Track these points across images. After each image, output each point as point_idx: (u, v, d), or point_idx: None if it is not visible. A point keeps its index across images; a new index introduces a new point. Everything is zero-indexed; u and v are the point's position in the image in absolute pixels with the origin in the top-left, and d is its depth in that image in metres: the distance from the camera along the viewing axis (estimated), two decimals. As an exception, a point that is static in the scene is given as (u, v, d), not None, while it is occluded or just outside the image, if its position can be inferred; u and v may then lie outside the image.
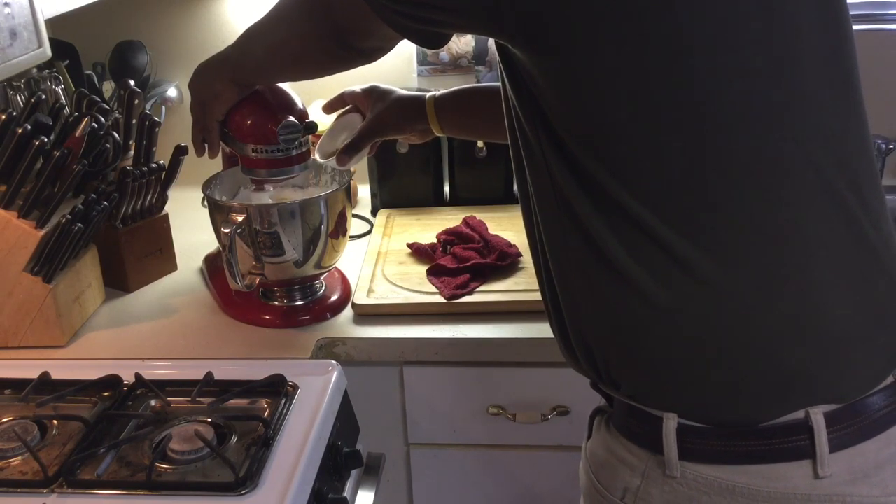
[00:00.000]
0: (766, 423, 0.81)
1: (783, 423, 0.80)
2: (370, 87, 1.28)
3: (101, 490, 0.98)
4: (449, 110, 1.23)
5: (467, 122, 1.26)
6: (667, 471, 0.83)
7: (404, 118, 1.25)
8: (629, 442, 0.88)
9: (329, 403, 1.12)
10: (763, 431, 0.81)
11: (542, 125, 0.82)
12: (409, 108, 1.24)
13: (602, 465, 0.91)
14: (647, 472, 0.85)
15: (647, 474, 0.85)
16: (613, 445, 0.90)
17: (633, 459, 0.87)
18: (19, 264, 1.22)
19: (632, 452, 0.87)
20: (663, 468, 0.83)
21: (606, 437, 0.91)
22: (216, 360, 1.21)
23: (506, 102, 0.90)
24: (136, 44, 1.74)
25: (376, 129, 1.25)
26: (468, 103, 1.23)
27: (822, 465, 0.79)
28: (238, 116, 1.18)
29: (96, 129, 1.28)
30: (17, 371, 1.19)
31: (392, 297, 1.33)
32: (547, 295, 0.93)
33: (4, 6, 1.06)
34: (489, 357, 1.25)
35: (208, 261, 1.49)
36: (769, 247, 0.78)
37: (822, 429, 0.79)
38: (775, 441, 0.80)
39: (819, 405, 0.80)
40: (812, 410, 0.80)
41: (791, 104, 0.77)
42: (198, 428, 1.04)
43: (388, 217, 1.62)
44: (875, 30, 1.63)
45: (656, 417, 0.84)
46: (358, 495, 1.16)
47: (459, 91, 1.24)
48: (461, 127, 1.29)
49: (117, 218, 1.38)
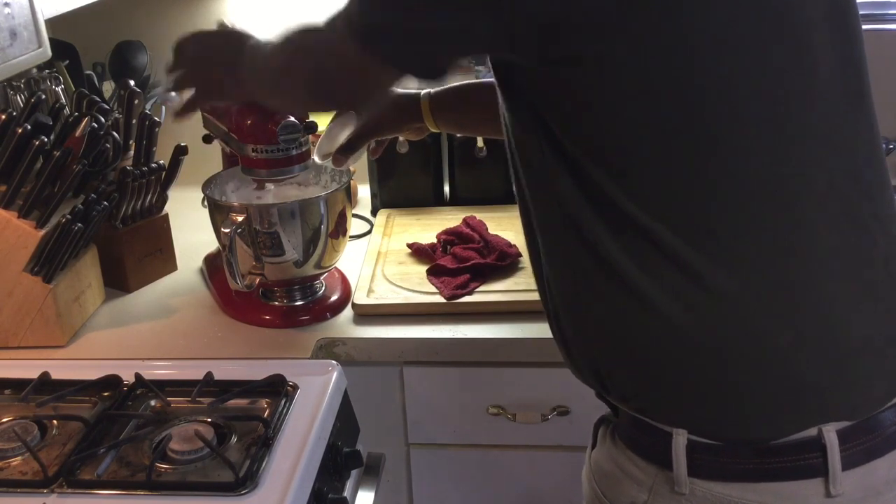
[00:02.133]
0: (778, 440, 0.79)
1: (795, 441, 0.79)
2: None
3: (101, 490, 0.98)
4: (444, 108, 1.23)
5: (463, 118, 1.26)
6: (675, 487, 0.82)
7: (400, 117, 1.25)
8: (636, 456, 0.86)
9: (329, 403, 1.12)
10: (775, 449, 0.79)
11: (548, 144, 0.81)
12: (404, 107, 1.24)
13: (607, 478, 0.89)
14: (654, 487, 0.84)
15: (654, 490, 0.84)
16: (619, 458, 0.88)
17: (639, 474, 0.85)
18: (19, 264, 1.22)
19: (638, 467, 0.85)
20: (671, 484, 0.82)
21: (612, 449, 0.90)
22: (216, 360, 1.21)
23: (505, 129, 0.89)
24: (136, 44, 1.74)
25: (372, 129, 1.25)
26: (464, 100, 1.23)
27: (835, 484, 0.78)
28: (238, 116, 1.18)
29: (96, 129, 1.28)
30: (17, 371, 1.19)
31: (392, 297, 1.33)
32: (549, 305, 0.92)
33: (4, 6, 1.06)
34: (489, 357, 1.25)
35: (208, 261, 1.49)
36: (783, 260, 0.77)
37: (835, 446, 0.78)
38: (787, 459, 0.79)
39: (832, 422, 0.79)
40: (825, 428, 0.79)
41: (807, 117, 0.77)
42: (198, 428, 1.04)
43: (388, 217, 1.62)
44: (875, 30, 1.63)
45: (665, 432, 0.82)
46: (358, 495, 1.16)
47: (455, 88, 1.23)
48: (457, 124, 1.29)
49: (117, 218, 1.38)
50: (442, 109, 1.23)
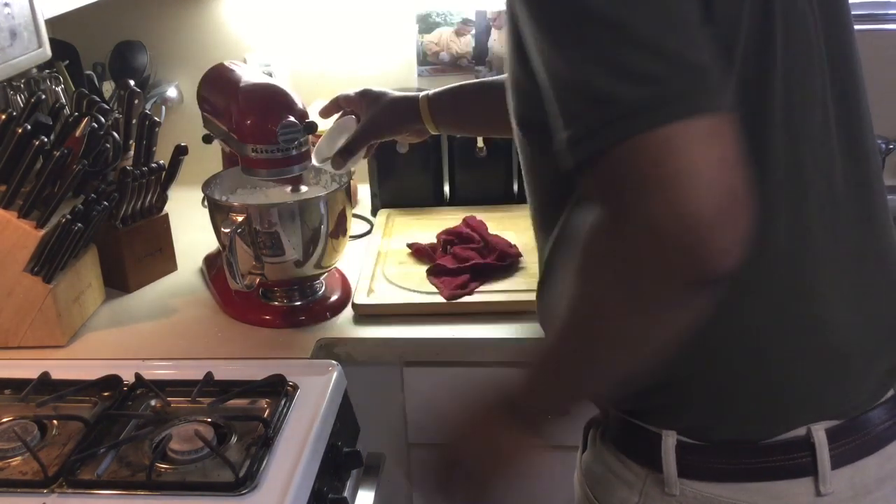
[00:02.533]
0: (767, 440, 0.79)
1: (784, 440, 0.79)
2: (363, 90, 1.27)
3: (101, 490, 0.98)
4: (443, 109, 1.22)
5: (462, 119, 1.26)
6: (666, 489, 0.82)
7: (399, 120, 1.25)
8: (626, 458, 0.86)
9: (329, 403, 1.12)
10: (764, 449, 0.79)
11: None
12: (403, 110, 1.24)
13: (598, 481, 0.89)
14: (644, 489, 0.84)
15: (645, 492, 0.84)
16: (610, 461, 0.88)
17: (630, 476, 0.85)
18: (19, 264, 1.22)
19: (629, 468, 0.85)
20: (662, 486, 0.82)
21: (602, 452, 0.90)
22: (216, 360, 1.21)
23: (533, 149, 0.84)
24: (136, 44, 1.74)
25: (371, 132, 1.25)
26: (463, 100, 1.22)
27: (824, 482, 0.78)
28: (238, 116, 1.18)
29: (96, 129, 1.28)
30: (17, 371, 1.19)
31: (392, 297, 1.33)
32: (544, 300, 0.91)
33: (4, 6, 1.06)
34: (489, 357, 1.25)
35: (208, 261, 1.49)
36: (774, 262, 0.77)
37: (824, 445, 0.78)
38: (776, 458, 0.79)
39: (821, 421, 0.79)
40: (814, 427, 0.79)
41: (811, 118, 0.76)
42: (198, 428, 1.04)
43: (388, 217, 1.62)
44: (875, 30, 1.63)
45: (655, 434, 0.82)
46: (358, 495, 1.16)
47: (453, 88, 1.23)
48: (457, 124, 1.29)
49: (117, 218, 1.38)
50: (440, 110, 1.22)
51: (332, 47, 1.76)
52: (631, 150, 0.60)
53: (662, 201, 0.59)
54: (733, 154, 0.60)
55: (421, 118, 1.23)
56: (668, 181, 0.59)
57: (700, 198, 0.59)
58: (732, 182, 0.60)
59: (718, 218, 0.59)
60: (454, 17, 1.69)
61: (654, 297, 0.65)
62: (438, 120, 1.23)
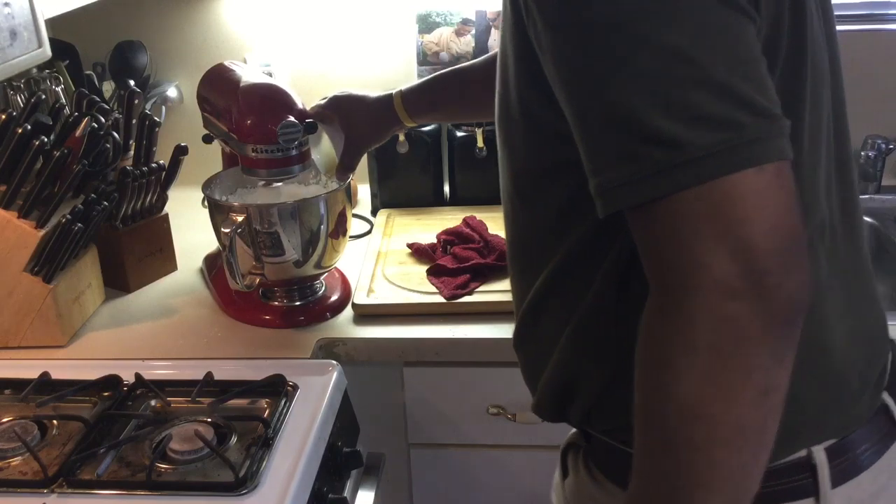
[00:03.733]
0: (770, 465, 0.75)
1: (786, 464, 0.78)
2: (332, 101, 1.26)
3: (101, 490, 0.98)
4: (419, 103, 1.22)
5: (439, 110, 1.26)
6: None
7: (379, 127, 1.25)
8: (615, 486, 0.82)
9: (329, 403, 1.12)
10: (767, 474, 0.74)
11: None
12: (380, 115, 1.23)
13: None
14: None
15: None
16: (596, 492, 0.84)
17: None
18: (19, 264, 1.22)
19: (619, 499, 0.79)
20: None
21: (587, 480, 0.86)
22: (216, 360, 1.21)
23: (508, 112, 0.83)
24: (136, 44, 1.74)
25: (359, 146, 1.26)
26: (437, 92, 1.22)
27: (825, 502, 0.77)
28: (238, 116, 1.18)
29: (96, 129, 1.28)
30: (17, 371, 1.19)
31: (392, 297, 1.33)
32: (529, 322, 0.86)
33: (4, 6, 1.06)
34: (489, 357, 1.25)
35: (208, 261, 1.49)
36: None
37: (825, 465, 0.77)
38: (779, 482, 0.77)
39: (822, 442, 0.78)
40: (815, 448, 0.78)
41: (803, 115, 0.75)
42: (198, 428, 1.04)
43: (388, 217, 1.62)
44: (875, 30, 1.63)
45: None
46: (358, 495, 1.16)
47: (428, 81, 1.22)
48: (434, 116, 1.30)
49: (117, 218, 1.38)
50: (416, 105, 1.22)
51: (332, 47, 1.76)
52: (696, 197, 0.58)
53: (730, 252, 0.57)
54: (795, 197, 0.60)
55: (399, 118, 1.23)
56: (735, 229, 0.57)
57: (769, 243, 0.58)
58: (795, 223, 0.59)
59: (788, 260, 0.58)
60: (454, 17, 1.68)
61: (744, 361, 0.59)
62: (415, 115, 1.23)
